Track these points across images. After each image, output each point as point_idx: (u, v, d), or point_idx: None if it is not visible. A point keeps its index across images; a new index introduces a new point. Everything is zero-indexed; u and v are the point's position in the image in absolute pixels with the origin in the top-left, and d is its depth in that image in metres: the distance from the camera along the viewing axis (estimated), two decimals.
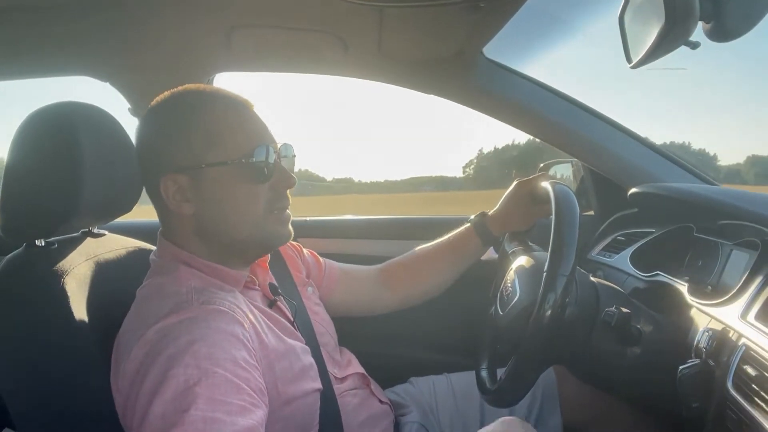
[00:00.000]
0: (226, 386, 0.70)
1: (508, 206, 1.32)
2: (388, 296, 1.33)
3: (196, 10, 1.36)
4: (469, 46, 1.40)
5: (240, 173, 0.88)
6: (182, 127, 0.89)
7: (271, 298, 1.00)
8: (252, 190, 0.89)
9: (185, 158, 0.88)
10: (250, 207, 0.90)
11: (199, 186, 0.89)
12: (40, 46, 1.44)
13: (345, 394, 1.09)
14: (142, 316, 0.82)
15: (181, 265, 0.90)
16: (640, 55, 0.93)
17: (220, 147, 0.88)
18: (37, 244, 0.96)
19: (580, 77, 78.89)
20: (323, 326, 1.15)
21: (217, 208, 0.90)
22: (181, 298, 0.82)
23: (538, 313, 0.88)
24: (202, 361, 0.70)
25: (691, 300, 0.99)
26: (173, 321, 0.76)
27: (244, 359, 0.75)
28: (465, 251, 1.34)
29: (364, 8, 1.21)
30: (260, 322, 0.89)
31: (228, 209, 0.90)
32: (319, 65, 1.61)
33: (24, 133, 0.94)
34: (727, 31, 0.80)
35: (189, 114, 0.90)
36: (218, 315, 0.79)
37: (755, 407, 0.72)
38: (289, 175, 0.92)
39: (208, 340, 0.73)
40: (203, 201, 0.89)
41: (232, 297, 0.85)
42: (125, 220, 1.44)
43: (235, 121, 0.90)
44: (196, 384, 0.68)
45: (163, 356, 0.72)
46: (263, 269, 1.03)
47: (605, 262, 1.42)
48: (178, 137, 0.89)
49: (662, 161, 1.49)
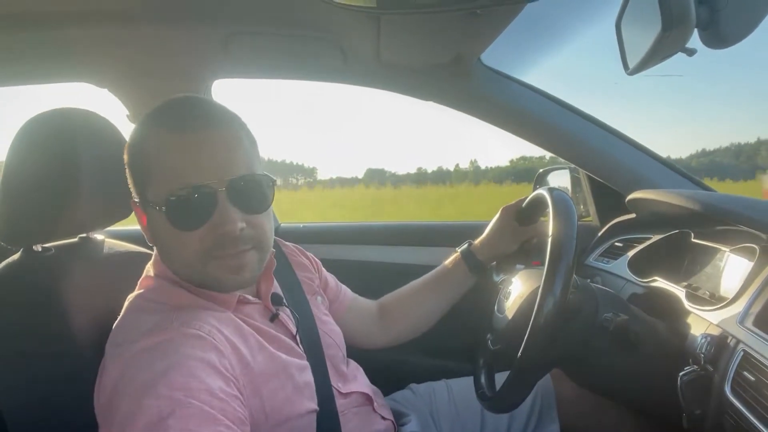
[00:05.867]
0: (200, 417, 0.68)
1: (493, 231, 1.34)
2: (382, 333, 1.33)
3: (194, 17, 1.36)
4: (467, 53, 1.40)
5: (168, 218, 0.81)
6: (131, 160, 0.87)
7: (273, 311, 0.96)
8: (178, 236, 0.82)
9: (136, 187, 0.87)
10: (180, 253, 0.84)
11: (147, 219, 0.87)
12: (39, 53, 1.44)
13: (347, 412, 1.05)
14: (124, 329, 0.82)
15: (167, 282, 0.88)
16: (636, 62, 0.94)
17: (153, 185, 0.83)
18: (34, 250, 0.96)
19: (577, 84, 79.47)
20: (331, 337, 1.10)
21: (158, 245, 0.89)
22: (162, 317, 0.80)
23: (537, 317, 0.88)
24: (175, 391, 0.68)
25: (689, 306, 0.99)
26: (151, 343, 0.75)
27: (220, 389, 0.72)
28: (453, 280, 1.34)
29: (362, 16, 1.21)
30: (252, 342, 0.86)
31: (165, 250, 0.88)
32: (317, 72, 1.62)
33: (22, 139, 0.94)
34: (723, 38, 0.80)
35: (135, 146, 0.87)
36: (195, 341, 0.76)
37: (754, 413, 0.72)
38: (226, 222, 0.80)
39: (183, 368, 0.71)
40: (150, 235, 0.89)
41: (216, 319, 0.82)
42: (123, 228, 1.44)
43: (167, 157, 0.81)
44: (169, 416, 0.66)
45: (138, 382, 0.70)
46: (268, 278, 0.98)
47: (603, 267, 1.42)
48: (134, 165, 0.87)
49: (659, 167, 1.49)
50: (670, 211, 1.25)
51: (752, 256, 0.93)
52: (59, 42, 1.41)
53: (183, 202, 0.80)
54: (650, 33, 0.85)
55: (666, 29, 0.81)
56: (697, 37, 0.83)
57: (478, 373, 1.14)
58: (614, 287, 1.25)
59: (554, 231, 0.93)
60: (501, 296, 1.11)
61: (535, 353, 0.89)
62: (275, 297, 0.98)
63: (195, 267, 0.84)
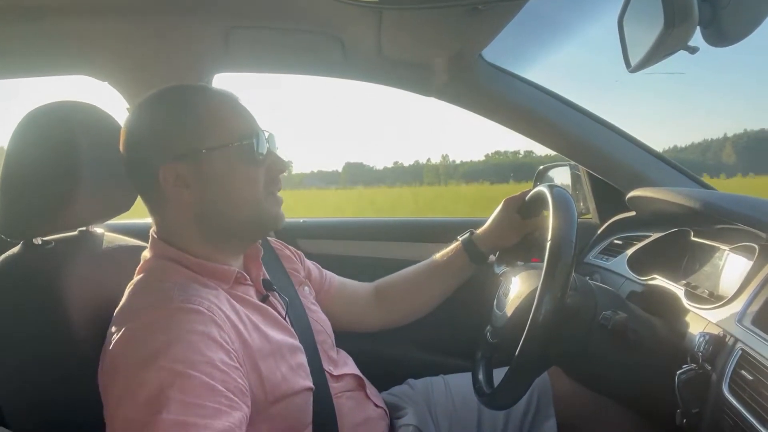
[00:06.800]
0: (201, 389, 0.69)
1: (495, 222, 1.35)
2: (378, 315, 1.36)
3: (194, 10, 1.36)
4: (468, 49, 1.40)
5: (240, 156, 0.91)
6: (179, 117, 0.91)
7: (264, 293, 1.00)
8: (251, 172, 0.92)
9: (184, 146, 0.89)
10: (250, 188, 0.93)
11: (200, 171, 0.90)
12: (39, 46, 1.44)
13: (341, 395, 1.08)
14: (125, 309, 0.84)
15: (168, 261, 0.91)
16: (638, 59, 0.93)
17: (219, 133, 0.90)
18: (34, 243, 0.96)
19: (579, 80, 79.50)
20: (320, 324, 1.15)
21: (219, 190, 0.91)
22: (163, 294, 0.82)
23: (535, 315, 0.88)
24: (176, 363, 0.70)
25: (688, 304, 0.99)
26: (152, 318, 0.77)
27: (221, 360, 0.75)
28: (453, 268, 1.36)
29: (363, 10, 1.21)
30: (246, 320, 0.88)
31: (230, 190, 0.92)
32: (318, 67, 1.61)
33: (22, 132, 0.94)
34: (725, 36, 0.80)
35: (184, 105, 0.92)
36: (196, 315, 0.78)
37: (751, 412, 0.72)
38: (282, 160, 0.97)
39: (184, 341, 0.73)
40: (205, 185, 0.90)
41: (214, 296, 0.85)
42: (123, 221, 1.44)
43: (229, 110, 0.93)
44: (169, 387, 0.68)
45: (138, 356, 0.72)
46: (257, 265, 1.03)
47: (602, 265, 1.42)
48: (174, 127, 0.90)
49: (660, 165, 1.49)
50: (670, 210, 1.25)
51: (751, 255, 0.93)
52: (60, 34, 1.41)
53: (255, 140, 0.92)
54: (652, 30, 0.84)
55: (668, 26, 0.81)
56: (699, 35, 0.83)
57: (476, 369, 1.14)
58: (613, 285, 1.25)
59: (554, 229, 0.93)
60: (500, 293, 1.11)
61: (533, 351, 0.89)
62: (265, 282, 1.02)
63: (258, 201, 0.94)
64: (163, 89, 0.95)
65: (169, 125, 0.91)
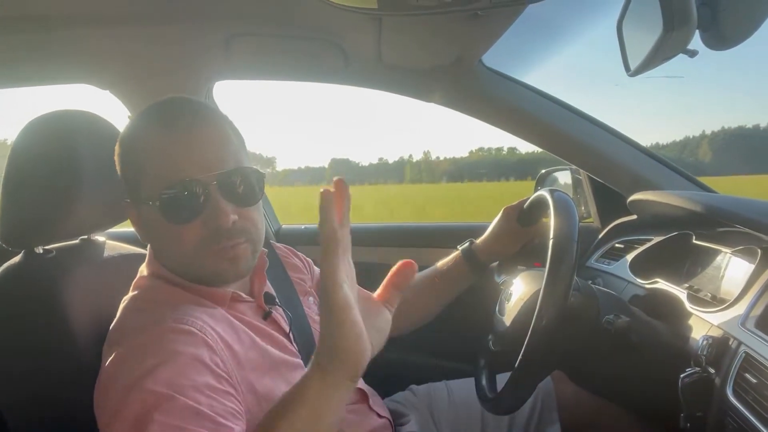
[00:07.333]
0: (186, 412, 0.69)
1: (495, 232, 1.33)
2: None
3: (196, 18, 1.37)
4: (468, 55, 1.40)
5: (163, 212, 0.83)
6: (122, 159, 0.89)
7: (266, 310, 0.97)
8: (173, 230, 0.84)
9: (129, 188, 0.89)
10: (177, 247, 0.85)
11: (139, 218, 0.89)
12: (42, 55, 1.45)
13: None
14: (118, 330, 0.84)
15: (162, 282, 0.90)
16: (638, 63, 0.94)
17: (146, 182, 0.85)
18: (36, 252, 0.96)
19: (579, 85, 79.53)
20: None
21: (153, 242, 0.91)
22: (155, 315, 0.81)
23: (538, 320, 0.87)
24: (162, 387, 0.70)
25: (691, 307, 0.99)
26: (142, 340, 0.77)
27: (207, 385, 0.74)
28: (453, 278, 1.34)
29: (363, 17, 1.21)
30: (244, 339, 0.87)
31: (160, 246, 0.90)
32: (318, 73, 1.62)
33: (23, 141, 0.95)
34: (724, 39, 0.80)
35: (125, 143, 0.89)
36: (187, 336, 0.77)
37: (755, 415, 0.72)
38: (222, 212, 0.82)
39: (172, 364, 0.73)
40: (145, 232, 0.90)
41: (209, 315, 0.83)
42: (124, 230, 1.44)
43: (159, 154, 0.84)
44: (154, 409, 0.68)
45: (127, 378, 0.72)
46: (261, 277, 1.00)
47: (604, 269, 1.42)
48: (125, 169, 0.89)
49: (661, 169, 1.49)
50: (672, 213, 1.25)
51: (754, 258, 0.93)
52: (62, 44, 1.42)
53: (176, 196, 0.82)
54: (652, 34, 0.85)
55: (667, 30, 0.81)
56: (698, 38, 0.83)
57: (479, 375, 1.14)
58: (615, 289, 1.25)
59: (555, 233, 0.93)
60: (502, 298, 1.11)
61: (536, 355, 0.89)
62: (268, 296, 0.99)
63: (192, 261, 0.85)
64: (142, 110, 0.91)
65: (122, 165, 0.89)
